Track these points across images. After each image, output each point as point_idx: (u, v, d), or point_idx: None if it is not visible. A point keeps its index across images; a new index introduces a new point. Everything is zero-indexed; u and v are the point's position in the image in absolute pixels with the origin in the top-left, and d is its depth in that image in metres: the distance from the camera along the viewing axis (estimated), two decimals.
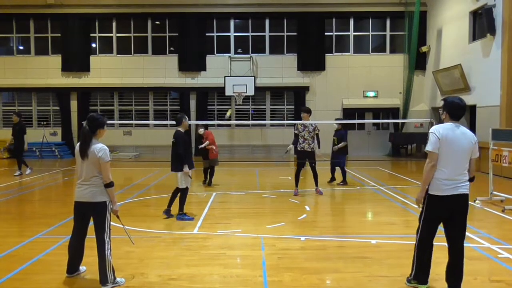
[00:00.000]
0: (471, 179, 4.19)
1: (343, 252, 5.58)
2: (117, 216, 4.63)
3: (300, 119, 9.96)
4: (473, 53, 15.67)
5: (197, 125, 11.81)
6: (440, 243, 4.46)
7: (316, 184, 9.85)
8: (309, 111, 9.89)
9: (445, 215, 4.11)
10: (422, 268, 4.23)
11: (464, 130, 4.10)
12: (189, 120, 18.76)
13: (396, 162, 17.39)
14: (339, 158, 11.20)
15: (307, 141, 9.59)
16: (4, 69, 20.00)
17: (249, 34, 20.28)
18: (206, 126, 12.23)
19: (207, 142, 10.84)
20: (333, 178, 11.40)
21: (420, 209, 4.29)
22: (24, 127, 13.15)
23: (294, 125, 9.82)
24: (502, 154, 8.67)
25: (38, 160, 18.35)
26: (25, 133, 13.04)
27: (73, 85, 19.87)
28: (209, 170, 11.13)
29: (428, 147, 4.10)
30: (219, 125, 19.77)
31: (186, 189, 7.47)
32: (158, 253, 5.51)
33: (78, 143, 4.55)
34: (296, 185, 9.77)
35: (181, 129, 7.42)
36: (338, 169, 11.33)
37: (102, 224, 4.44)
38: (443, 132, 4.05)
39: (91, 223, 4.55)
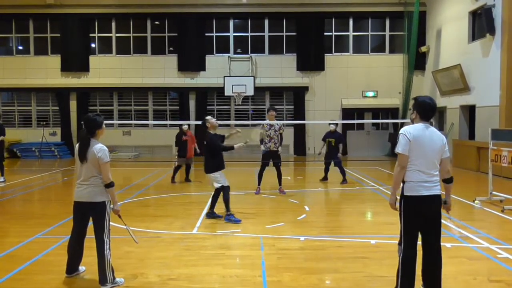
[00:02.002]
0: (449, 180, 4.07)
1: (342, 252, 5.58)
2: (119, 216, 4.62)
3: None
4: (472, 53, 15.67)
5: (181, 125, 12.13)
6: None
7: (280, 184, 9.87)
8: (276, 110, 10.03)
9: (422, 215, 3.98)
10: (409, 284, 4.02)
11: (433, 130, 4.02)
12: (189, 120, 18.94)
13: (396, 162, 17.35)
14: (337, 158, 11.28)
15: (273, 140, 9.62)
16: (4, 69, 19.97)
17: (249, 34, 20.26)
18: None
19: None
20: (325, 178, 11.50)
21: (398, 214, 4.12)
22: (3, 128, 11.67)
23: (260, 124, 9.84)
24: (501, 154, 8.65)
25: (38, 160, 18.37)
26: (4, 135, 11.60)
27: (73, 85, 19.86)
28: (185, 168, 11.93)
29: (398, 149, 4.03)
30: (219, 125, 19.71)
31: (225, 187, 7.28)
32: (157, 253, 5.51)
33: (77, 145, 4.52)
34: (259, 184, 9.85)
35: (210, 131, 7.47)
36: (334, 169, 11.40)
37: (101, 224, 4.43)
38: (414, 133, 3.97)
39: (91, 223, 4.55)
